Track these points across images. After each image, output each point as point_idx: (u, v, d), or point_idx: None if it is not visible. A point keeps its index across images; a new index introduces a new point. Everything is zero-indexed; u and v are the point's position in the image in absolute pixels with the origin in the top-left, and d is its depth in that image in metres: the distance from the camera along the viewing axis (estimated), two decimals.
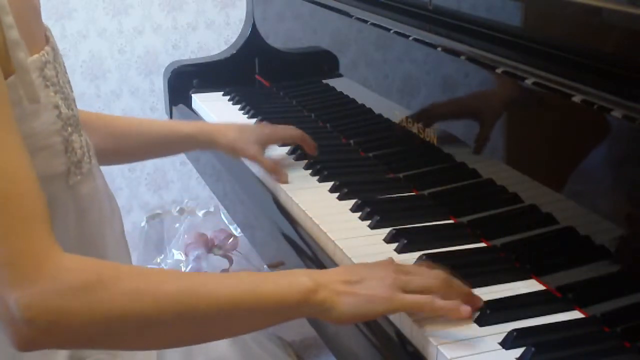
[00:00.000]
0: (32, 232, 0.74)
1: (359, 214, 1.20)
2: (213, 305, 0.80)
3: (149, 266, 2.33)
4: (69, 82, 0.94)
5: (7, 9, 0.79)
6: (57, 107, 0.86)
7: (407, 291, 0.86)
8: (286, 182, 1.31)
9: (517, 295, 0.97)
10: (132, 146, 1.27)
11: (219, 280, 0.84)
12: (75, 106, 0.93)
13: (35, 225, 0.75)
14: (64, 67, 0.94)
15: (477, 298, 0.92)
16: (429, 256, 1.03)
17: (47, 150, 0.86)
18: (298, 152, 1.43)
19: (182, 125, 1.35)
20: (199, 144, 1.35)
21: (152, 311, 0.77)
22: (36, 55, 0.84)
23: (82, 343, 0.82)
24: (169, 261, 2.32)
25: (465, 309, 0.87)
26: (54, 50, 0.89)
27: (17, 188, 0.75)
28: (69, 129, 0.88)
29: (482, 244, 1.11)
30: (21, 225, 0.74)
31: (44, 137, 0.85)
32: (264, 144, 1.36)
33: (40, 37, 0.87)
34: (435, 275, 0.89)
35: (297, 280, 0.84)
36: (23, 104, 0.82)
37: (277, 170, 1.33)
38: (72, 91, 0.94)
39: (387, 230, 1.13)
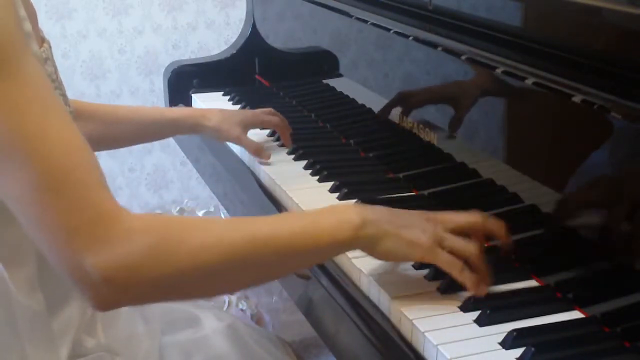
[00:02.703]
0: (97, 197, 0.77)
1: None
2: (273, 250, 0.85)
3: None
4: (62, 83, 0.95)
5: (20, 3, 0.81)
6: None
7: (442, 247, 0.92)
8: (268, 159, 1.40)
9: (517, 295, 0.97)
10: (121, 132, 1.32)
11: (277, 223, 0.89)
12: (67, 104, 0.94)
13: (98, 191, 0.77)
14: (57, 69, 0.95)
15: (485, 284, 0.95)
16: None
17: None
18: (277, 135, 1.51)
19: (168, 111, 1.43)
20: (185, 128, 1.41)
21: (218, 262, 0.82)
22: (39, 50, 0.86)
23: (157, 297, 0.86)
24: None
25: (483, 289, 0.93)
26: (50, 49, 0.90)
27: (75, 157, 0.77)
28: None
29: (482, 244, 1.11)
30: (86, 192, 0.76)
31: None
32: (247, 126, 1.43)
33: (39, 36, 0.89)
34: (471, 245, 0.94)
35: (347, 217, 0.90)
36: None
37: (259, 151, 1.40)
38: (65, 91, 0.95)
39: None
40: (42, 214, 0.75)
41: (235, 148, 1.55)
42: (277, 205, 1.30)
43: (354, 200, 1.23)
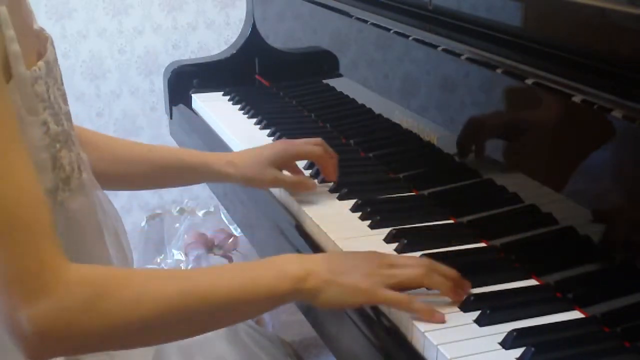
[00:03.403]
0: (40, 248, 0.76)
1: (359, 214, 1.20)
2: (211, 305, 0.85)
3: (148, 266, 2.34)
4: (63, 95, 0.92)
5: (9, 23, 0.79)
6: (45, 123, 0.85)
7: (389, 285, 0.90)
8: (314, 188, 1.25)
9: (517, 296, 0.97)
10: (133, 172, 1.22)
11: (215, 278, 0.88)
12: (68, 120, 0.91)
13: (43, 241, 0.77)
14: (60, 79, 0.92)
15: (466, 282, 0.95)
16: (428, 256, 1.03)
17: (34, 166, 0.85)
18: (320, 178, 1.32)
19: (190, 156, 1.26)
20: (209, 176, 1.27)
21: (153, 316, 0.81)
22: (28, 71, 0.83)
23: (90, 349, 0.85)
24: (168, 261, 2.32)
25: (439, 316, 0.90)
26: (48, 64, 0.87)
27: (27, 206, 0.76)
28: (57, 145, 0.87)
29: (482, 244, 1.11)
30: (29, 242, 0.75)
31: (31, 153, 0.84)
32: (281, 165, 1.25)
33: (30, 53, 0.86)
34: (418, 265, 0.93)
35: (288, 269, 0.89)
36: (22, 115, 0.82)
37: (301, 184, 1.24)
38: (65, 104, 0.92)
39: (387, 230, 1.13)
40: None
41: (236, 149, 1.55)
42: (277, 204, 1.30)
43: (354, 200, 1.23)
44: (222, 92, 1.85)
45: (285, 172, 1.27)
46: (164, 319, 0.82)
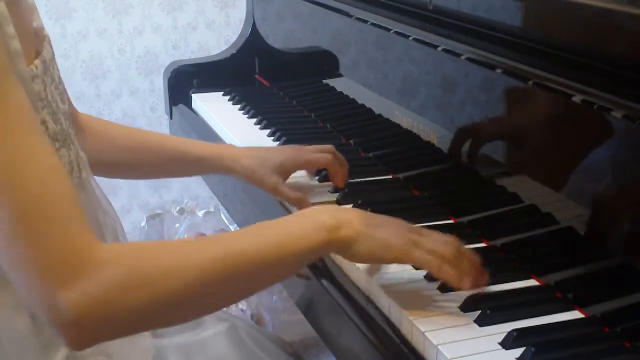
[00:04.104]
0: (72, 232, 0.75)
1: None
2: (250, 263, 0.83)
3: None
4: (61, 93, 0.92)
5: (9, 20, 0.79)
6: (43, 122, 0.85)
7: (417, 248, 0.91)
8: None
9: (517, 296, 0.97)
10: (138, 161, 1.23)
11: (249, 238, 0.86)
12: (67, 119, 0.91)
13: (73, 225, 0.75)
14: (59, 78, 0.92)
15: (485, 274, 0.95)
16: None
17: None
18: (323, 174, 1.32)
19: (194, 147, 1.26)
20: (213, 168, 1.27)
21: (194, 283, 0.79)
22: (26, 69, 0.82)
23: (135, 328, 0.84)
24: None
25: (468, 280, 0.91)
26: (45, 63, 0.87)
27: (52, 191, 0.75)
28: (56, 144, 0.87)
29: (482, 244, 1.11)
30: (60, 228, 0.74)
31: None
32: (287, 171, 1.25)
33: (29, 54, 0.85)
34: (446, 242, 0.93)
35: (320, 220, 0.88)
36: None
37: (300, 202, 1.22)
38: (64, 103, 0.91)
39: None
40: (14, 250, 0.73)
41: None
42: (277, 205, 1.30)
43: (352, 202, 1.23)
44: (222, 92, 1.85)
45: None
46: (206, 284, 0.80)
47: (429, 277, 0.99)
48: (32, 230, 0.73)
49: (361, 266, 1.03)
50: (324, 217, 0.89)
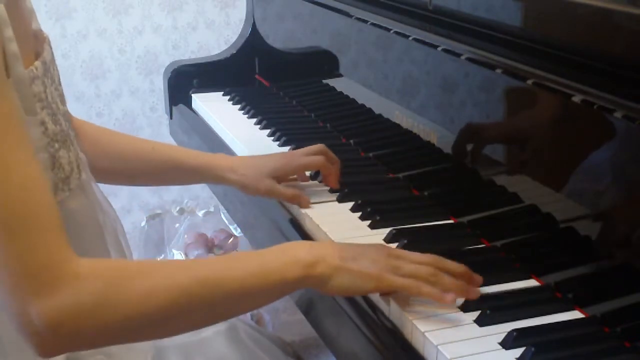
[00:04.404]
0: (50, 243, 0.76)
1: (359, 214, 1.20)
2: (224, 292, 0.84)
3: None
4: (61, 95, 0.92)
5: (8, 22, 0.79)
6: (43, 123, 0.85)
7: (397, 275, 0.91)
8: (307, 207, 1.23)
9: (517, 295, 0.97)
10: (140, 171, 1.24)
11: (226, 265, 0.88)
12: (66, 120, 0.91)
13: (52, 236, 0.76)
14: (58, 79, 0.92)
15: (476, 277, 0.95)
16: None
17: None
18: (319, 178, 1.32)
19: (192, 157, 1.26)
20: (208, 178, 1.28)
21: (167, 306, 0.81)
22: (25, 71, 0.83)
23: (104, 342, 0.85)
24: None
25: (450, 296, 0.90)
26: (45, 64, 0.87)
27: (34, 201, 0.76)
28: (56, 145, 0.87)
29: (482, 244, 1.11)
30: (39, 238, 0.75)
31: None
32: (280, 177, 1.25)
33: (28, 56, 0.85)
34: (425, 262, 0.93)
35: (298, 255, 0.89)
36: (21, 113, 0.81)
37: (297, 198, 1.23)
38: (63, 104, 0.92)
39: (387, 230, 1.13)
40: None
41: (238, 151, 1.55)
42: (277, 205, 1.30)
43: (353, 201, 1.23)
44: (222, 92, 1.85)
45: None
46: (177, 308, 0.81)
47: None
48: (11, 239, 0.74)
49: None
50: (301, 254, 0.89)
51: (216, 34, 2.45)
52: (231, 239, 2.25)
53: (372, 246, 0.96)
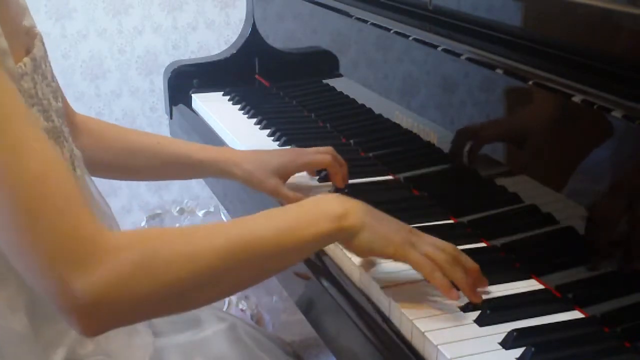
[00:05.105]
0: (79, 216, 0.75)
1: None
2: (262, 250, 0.85)
3: None
4: (54, 91, 0.91)
5: None
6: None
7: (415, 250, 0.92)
8: None
9: (517, 295, 0.97)
10: (137, 164, 1.23)
11: (261, 224, 0.87)
12: (59, 116, 0.90)
13: (79, 209, 0.76)
14: (51, 76, 0.91)
15: (484, 279, 0.95)
16: None
17: None
18: (323, 174, 1.33)
19: (195, 151, 1.26)
20: (213, 172, 1.28)
21: (206, 269, 0.80)
22: (14, 68, 0.82)
23: (149, 313, 0.85)
24: None
25: (455, 293, 0.91)
26: (35, 60, 0.86)
27: (54, 178, 0.75)
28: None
29: (482, 244, 1.11)
30: (65, 214, 0.74)
31: None
32: (286, 174, 1.25)
33: (18, 52, 0.84)
34: (444, 248, 0.94)
35: (330, 208, 0.90)
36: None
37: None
38: (57, 101, 0.91)
39: None
40: (21, 239, 0.73)
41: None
42: (277, 205, 1.30)
43: None
44: (222, 92, 1.85)
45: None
46: (216, 269, 0.81)
47: None
48: (38, 218, 0.73)
49: (361, 265, 1.03)
50: (332, 206, 0.90)
51: (216, 34, 2.45)
52: None
53: (397, 220, 0.97)
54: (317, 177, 1.33)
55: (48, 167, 0.75)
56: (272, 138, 1.55)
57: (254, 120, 1.66)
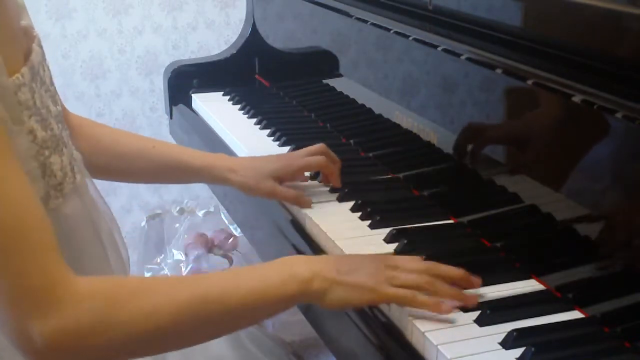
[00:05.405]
0: (46, 262, 0.75)
1: (359, 214, 1.20)
2: (223, 308, 0.84)
3: (148, 266, 2.33)
4: (53, 96, 0.89)
5: None
6: (31, 132, 0.83)
7: (393, 285, 0.91)
8: (309, 207, 1.23)
9: (517, 295, 0.97)
10: (139, 170, 1.23)
11: (224, 282, 0.87)
12: (59, 122, 0.89)
13: (47, 255, 0.76)
14: (50, 80, 0.90)
15: (475, 279, 0.95)
16: (429, 256, 1.03)
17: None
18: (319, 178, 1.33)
19: (193, 157, 1.26)
20: (209, 179, 1.28)
21: (169, 323, 0.81)
22: (10, 79, 0.80)
23: None
24: (169, 261, 2.32)
25: (446, 306, 0.91)
26: (33, 68, 0.84)
27: (26, 220, 0.75)
28: (46, 152, 0.85)
29: (482, 244, 1.11)
30: (35, 258, 0.74)
31: (20, 164, 0.81)
32: (281, 177, 1.25)
33: (15, 61, 0.83)
34: (422, 270, 0.93)
35: (295, 271, 0.89)
36: (8, 126, 0.80)
37: (298, 200, 1.23)
38: (56, 105, 0.90)
39: (387, 230, 1.13)
40: None
41: (238, 151, 1.55)
42: (277, 205, 1.30)
43: (353, 201, 1.23)
44: (222, 92, 1.85)
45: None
46: (178, 326, 0.81)
47: None
48: (7, 259, 0.73)
49: None
50: (297, 269, 0.89)
51: (216, 34, 2.45)
52: (231, 239, 2.25)
53: (368, 257, 0.96)
54: (317, 178, 1.33)
55: (21, 209, 0.75)
56: (272, 138, 1.55)
57: (254, 120, 1.66)
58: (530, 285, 1.00)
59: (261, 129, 1.62)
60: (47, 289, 0.74)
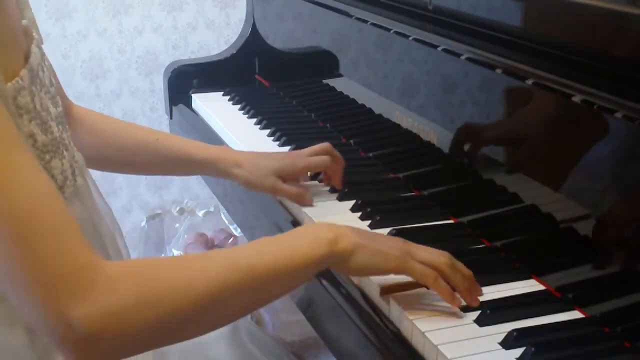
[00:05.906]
0: (74, 246, 0.74)
1: (359, 214, 1.20)
2: (257, 277, 0.84)
3: None
4: (53, 97, 0.88)
5: None
6: (31, 136, 0.82)
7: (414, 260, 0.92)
8: (311, 204, 1.24)
9: (517, 295, 0.97)
10: (143, 162, 1.24)
11: (256, 252, 0.87)
12: (59, 123, 0.88)
13: (74, 239, 0.74)
14: (50, 81, 0.88)
15: (478, 286, 0.96)
16: None
17: None
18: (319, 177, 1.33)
19: (197, 150, 1.26)
20: (213, 172, 1.28)
21: (206, 297, 0.80)
22: (9, 84, 0.79)
23: (147, 345, 0.83)
24: None
25: (458, 300, 0.92)
26: (32, 70, 0.83)
27: (45, 205, 0.74)
28: (47, 156, 0.84)
29: (482, 244, 1.11)
30: (60, 243, 0.73)
31: None
32: (284, 176, 1.25)
33: (15, 62, 0.81)
34: (440, 254, 0.94)
35: (321, 234, 0.90)
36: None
37: (300, 196, 1.24)
38: (56, 106, 0.88)
39: (387, 230, 1.13)
40: (15, 269, 0.71)
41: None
42: (277, 205, 1.30)
43: (353, 201, 1.23)
44: (222, 92, 1.85)
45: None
46: (214, 298, 0.80)
47: None
48: (30, 248, 0.71)
49: None
50: (323, 232, 0.90)
51: (216, 34, 2.45)
52: (231, 239, 2.25)
53: (388, 236, 0.98)
54: (318, 178, 1.33)
55: (42, 194, 0.74)
56: (272, 138, 1.55)
57: (254, 120, 1.66)
58: (530, 285, 1.00)
59: (261, 129, 1.62)
60: (78, 273, 0.72)
